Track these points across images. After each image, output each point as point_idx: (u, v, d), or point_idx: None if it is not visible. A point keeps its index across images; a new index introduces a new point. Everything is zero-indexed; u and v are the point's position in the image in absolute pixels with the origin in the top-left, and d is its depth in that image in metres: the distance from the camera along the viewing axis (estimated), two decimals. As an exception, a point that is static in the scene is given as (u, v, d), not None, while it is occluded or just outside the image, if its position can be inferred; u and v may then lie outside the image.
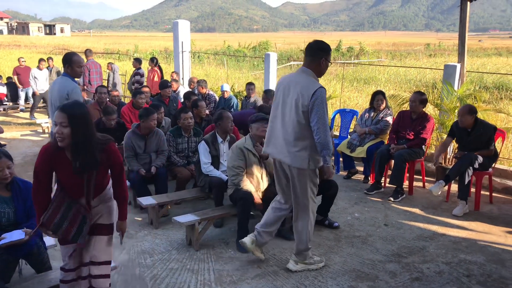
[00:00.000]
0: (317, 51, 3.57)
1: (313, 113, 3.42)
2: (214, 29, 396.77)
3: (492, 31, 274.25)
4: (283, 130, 3.57)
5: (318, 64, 3.58)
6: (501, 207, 5.41)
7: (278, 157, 3.65)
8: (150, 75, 10.82)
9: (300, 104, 3.44)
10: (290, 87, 3.56)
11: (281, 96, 3.62)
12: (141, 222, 4.87)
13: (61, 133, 2.54)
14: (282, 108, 3.59)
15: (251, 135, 4.43)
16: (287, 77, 3.72)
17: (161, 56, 30.90)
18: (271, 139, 3.71)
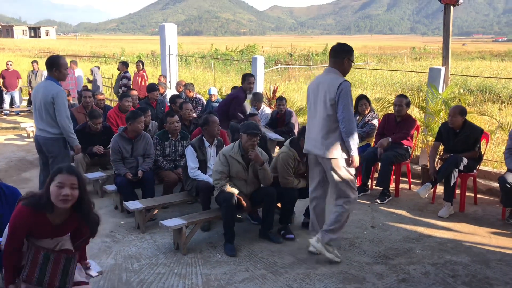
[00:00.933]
0: (340, 52, 3.89)
1: (339, 104, 3.72)
2: (201, 32, 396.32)
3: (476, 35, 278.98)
4: (317, 126, 3.89)
5: (341, 64, 3.89)
6: (485, 208, 5.49)
7: (314, 152, 3.96)
8: (137, 79, 10.76)
9: (328, 98, 3.76)
10: (318, 87, 3.89)
11: (312, 97, 3.97)
12: (127, 226, 4.83)
13: (70, 194, 2.52)
14: (315, 107, 3.93)
15: (240, 143, 4.38)
16: (316, 79, 4.04)
17: (148, 59, 30.76)
18: (308, 138, 4.04)
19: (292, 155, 4.56)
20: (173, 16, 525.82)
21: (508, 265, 4.00)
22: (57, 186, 2.51)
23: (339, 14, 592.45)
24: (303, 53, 40.98)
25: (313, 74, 23.83)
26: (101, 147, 5.88)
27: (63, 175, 2.53)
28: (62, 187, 2.51)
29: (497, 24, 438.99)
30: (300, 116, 8.96)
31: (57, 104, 4.58)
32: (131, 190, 5.08)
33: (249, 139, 4.27)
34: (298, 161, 4.59)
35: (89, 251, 4.12)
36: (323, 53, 39.89)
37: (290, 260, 4.08)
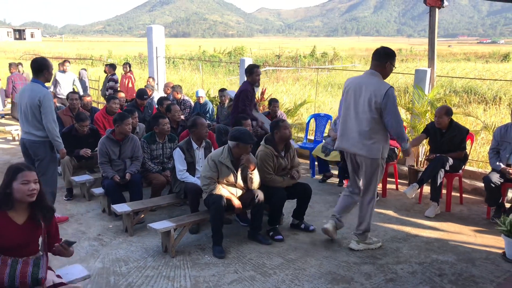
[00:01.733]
0: (383, 56, 4.03)
1: (387, 110, 3.89)
2: (189, 34, 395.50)
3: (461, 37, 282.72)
4: (357, 126, 4.04)
5: (383, 68, 4.03)
6: (470, 207, 5.57)
7: (352, 151, 4.14)
8: (124, 81, 10.70)
9: (373, 102, 3.90)
10: (362, 89, 4.00)
11: (352, 97, 4.07)
12: (115, 229, 4.80)
13: (35, 189, 2.73)
14: (355, 108, 4.05)
15: (229, 149, 4.37)
16: (355, 79, 4.16)
17: (135, 61, 30.62)
18: (344, 136, 4.18)
19: (269, 152, 4.58)
20: (160, 18, 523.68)
21: (493, 263, 4.06)
22: (23, 184, 2.68)
23: (326, 16, 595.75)
24: (291, 55, 41.15)
25: (301, 76, 23.95)
26: (88, 150, 5.83)
27: (25, 172, 2.71)
28: (28, 183, 2.69)
29: (481, 26, 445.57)
30: (289, 117, 8.99)
31: (43, 107, 4.53)
32: (119, 193, 5.05)
33: (236, 145, 4.27)
34: (276, 156, 4.62)
35: (76, 255, 4.11)
36: (311, 55, 40.16)
37: (278, 261, 4.09)
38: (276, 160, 4.61)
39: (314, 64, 34.68)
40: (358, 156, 4.15)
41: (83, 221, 5.05)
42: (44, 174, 4.68)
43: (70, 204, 5.57)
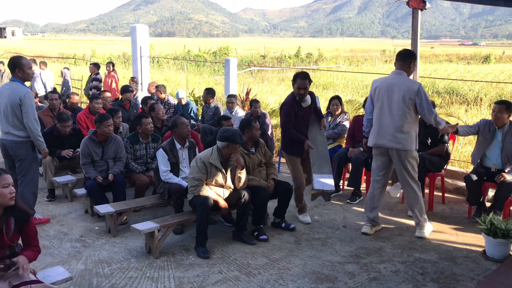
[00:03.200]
0: (407, 56, 4.50)
1: (422, 105, 4.34)
2: (173, 34, 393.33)
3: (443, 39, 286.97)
4: (392, 122, 4.41)
5: (408, 67, 4.50)
6: (452, 207, 5.65)
7: (389, 146, 4.47)
8: (108, 80, 10.59)
9: (407, 98, 4.33)
10: (393, 88, 4.39)
11: (385, 96, 4.43)
12: (98, 230, 4.75)
13: (14, 191, 2.76)
14: (389, 105, 4.41)
15: (219, 150, 4.36)
16: (385, 80, 4.54)
17: (119, 61, 30.33)
18: (380, 133, 4.50)
19: (240, 152, 4.59)
20: (145, 17, 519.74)
21: (473, 261, 4.13)
22: (4, 187, 2.70)
23: (311, 17, 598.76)
24: (276, 56, 41.20)
25: (286, 76, 24.00)
26: (70, 150, 5.76)
27: (4, 176, 2.73)
28: (8, 187, 2.72)
29: (463, 28, 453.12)
30: (273, 117, 9.00)
31: (24, 106, 4.45)
32: (102, 193, 4.99)
33: (226, 145, 4.26)
34: (246, 154, 4.65)
35: (58, 257, 4.06)
36: (296, 56, 40.26)
37: (263, 261, 4.09)
38: (248, 158, 4.64)
39: (299, 64, 34.79)
40: (394, 151, 4.47)
41: (65, 222, 4.98)
42: (25, 175, 4.60)
43: (52, 205, 5.49)
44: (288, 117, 4.80)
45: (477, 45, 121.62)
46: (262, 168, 4.83)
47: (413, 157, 4.52)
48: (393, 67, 4.92)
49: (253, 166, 4.71)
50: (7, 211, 2.75)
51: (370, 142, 4.66)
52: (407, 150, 4.45)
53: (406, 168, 4.51)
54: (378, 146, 4.60)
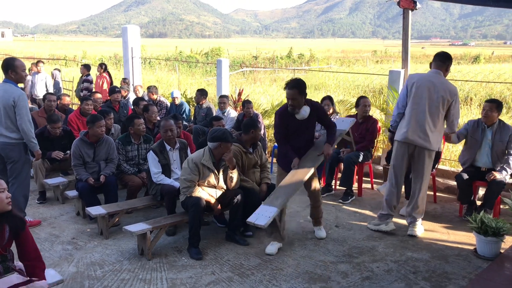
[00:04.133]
0: (446, 59, 4.57)
1: (456, 108, 4.51)
2: (165, 34, 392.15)
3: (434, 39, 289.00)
4: (429, 120, 4.44)
5: (446, 69, 4.57)
6: (444, 206, 5.69)
7: (419, 143, 4.49)
8: (99, 81, 10.54)
9: (446, 99, 4.41)
10: (435, 86, 4.42)
11: (426, 92, 4.42)
12: (90, 232, 4.72)
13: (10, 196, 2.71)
14: (429, 103, 4.42)
15: (210, 150, 4.35)
16: (425, 77, 4.55)
17: (110, 62, 30.15)
18: (414, 129, 4.48)
19: (237, 149, 4.60)
20: (136, 18, 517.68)
21: (465, 259, 4.16)
22: (0, 192, 2.64)
23: (302, 18, 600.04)
24: (268, 56, 41.25)
25: (278, 77, 24.03)
26: (61, 152, 5.71)
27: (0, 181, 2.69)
28: (4, 191, 2.67)
29: (453, 28, 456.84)
30: (265, 118, 9.01)
31: (18, 108, 4.41)
32: (93, 195, 4.96)
33: (218, 145, 4.25)
34: (244, 152, 4.64)
35: (49, 260, 4.02)
36: (288, 56, 40.34)
37: (256, 262, 4.09)
38: (245, 157, 4.63)
39: (291, 65, 34.85)
40: (421, 149, 4.52)
41: (57, 224, 4.94)
42: (17, 177, 4.56)
43: (43, 208, 5.45)
44: (277, 128, 4.42)
45: (467, 45, 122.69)
46: (257, 169, 4.83)
47: (432, 157, 4.62)
48: (383, 67, 4.95)
49: (249, 166, 4.71)
50: (1, 217, 2.66)
51: (401, 137, 4.58)
52: (432, 150, 4.54)
53: (427, 166, 4.60)
54: (409, 142, 4.55)
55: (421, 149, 4.53)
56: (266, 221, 3.81)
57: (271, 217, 3.84)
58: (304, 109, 4.22)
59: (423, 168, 4.61)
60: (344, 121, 5.12)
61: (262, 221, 3.83)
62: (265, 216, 3.88)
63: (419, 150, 4.54)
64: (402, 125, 4.59)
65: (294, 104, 4.20)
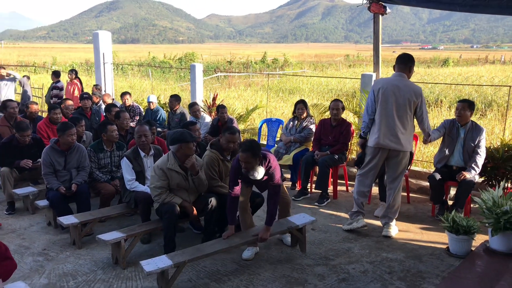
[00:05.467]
0: (408, 60, 4.65)
1: (422, 108, 4.60)
2: (138, 40, 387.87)
3: (405, 43, 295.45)
4: (398, 123, 4.53)
5: (409, 70, 4.65)
6: (417, 206, 5.79)
7: (392, 146, 4.58)
8: (70, 88, 10.32)
9: (412, 101, 4.51)
10: (400, 89, 4.51)
11: (392, 96, 4.52)
12: (62, 243, 4.59)
13: None
14: (396, 106, 4.52)
15: (174, 153, 4.30)
16: (389, 81, 4.61)
17: (82, 68, 29.63)
18: (385, 133, 4.57)
19: (214, 156, 4.54)
20: (108, 24, 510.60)
21: (438, 258, 4.24)
22: None
23: (276, 23, 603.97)
24: (242, 61, 41.33)
25: (252, 82, 24.09)
26: (29, 161, 5.55)
27: None
28: None
29: (422, 33, 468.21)
30: (240, 123, 9.01)
31: None
32: (65, 204, 4.83)
33: (179, 147, 4.20)
34: (221, 160, 4.59)
35: (19, 272, 3.89)
36: (262, 61, 40.49)
37: (233, 267, 4.06)
38: (223, 164, 4.58)
39: (265, 70, 35.01)
40: (395, 152, 4.62)
41: (27, 235, 4.79)
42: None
43: (12, 219, 5.27)
44: (231, 183, 4.11)
45: (436, 49, 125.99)
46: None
47: (407, 158, 4.72)
48: (355, 71, 5.03)
49: (226, 173, 4.62)
50: None
51: (373, 143, 4.67)
52: (405, 151, 4.64)
53: (401, 168, 4.71)
54: (381, 147, 4.64)
55: (395, 152, 4.63)
56: (151, 270, 3.45)
57: (159, 269, 3.47)
58: (257, 171, 3.95)
59: (398, 170, 4.71)
60: (304, 217, 4.52)
61: (149, 268, 3.48)
62: (155, 265, 3.50)
63: (393, 153, 4.64)
64: (374, 131, 4.68)
65: (248, 167, 3.93)
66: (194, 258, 3.74)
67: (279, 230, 4.24)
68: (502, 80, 21.24)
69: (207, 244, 3.98)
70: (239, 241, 4.05)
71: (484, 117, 12.38)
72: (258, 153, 3.91)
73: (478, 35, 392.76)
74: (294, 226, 4.23)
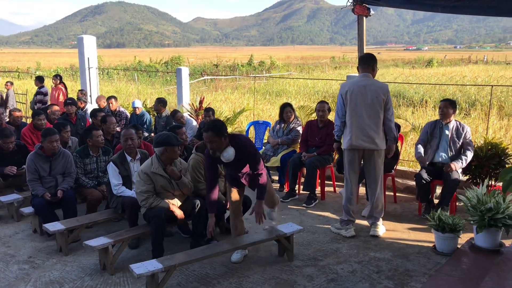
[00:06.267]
0: (369, 60, 4.75)
1: (389, 104, 4.66)
2: (123, 44, 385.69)
3: (389, 44, 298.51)
4: (370, 123, 4.58)
5: (372, 69, 4.72)
6: (404, 205, 5.85)
7: (367, 146, 4.62)
8: (54, 94, 10.22)
9: (381, 99, 4.57)
10: (366, 89, 4.57)
11: (359, 97, 4.56)
12: (48, 250, 4.53)
13: None
14: (365, 106, 4.56)
15: (158, 157, 4.28)
16: (355, 82, 4.67)
17: (67, 73, 29.37)
18: (357, 134, 4.60)
19: (200, 159, 4.56)
20: (93, 28, 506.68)
21: (425, 256, 4.29)
22: None
23: (262, 26, 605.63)
24: (228, 64, 41.35)
25: (239, 85, 24.12)
26: (14, 167, 5.47)
27: None
28: None
29: (407, 34, 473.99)
30: (228, 125, 8.99)
31: None
32: (51, 211, 4.77)
33: (164, 150, 4.19)
34: None
35: (4, 281, 3.84)
36: (248, 64, 40.57)
37: (222, 270, 4.06)
38: None
39: (251, 72, 35.08)
40: (370, 151, 4.67)
41: (12, 243, 4.72)
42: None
43: (-3, 226, 5.20)
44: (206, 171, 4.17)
45: (420, 50, 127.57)
46: (221, 179, 4.77)
47: (382, 156, 4.76)
48: (341, 72, 5.09)
49: None
50: None
51: (346, 145, 4.71)
52: (380, 150, 4.69)
53: (378, 166, 4.75)
54: (355, 148, 4.69)
55: (370, 151, 4.68)
56: (141, 273, 3.42)
57: (149, 272, 3.44)
58: (227, 152, 3.77)
59: (375, 169, 4.75)
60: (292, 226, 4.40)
61: (140, 270, 3.45)
62: (146, 269, 3.47)
63: (368, 152, 4.70)
64: (346, 133, 4.73)
65: (213, 147, 3.76)
66: (184, 262, 3.73)
67: (267, 237, 4.23)
68: (485, 80, 21.61)
69: (197, 250, 3.97)
70: (229, 247, 4.04)
71: (468, 117, 12.57)
72: (222, 131, 3.71)
73: (461, 36, 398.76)
74: (282, 234, 4.22)
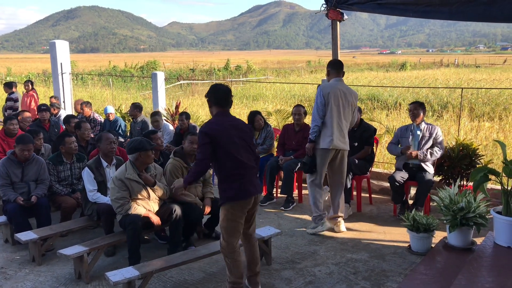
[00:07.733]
0: (339, 66, 4.96)
1: (356, 110, 5.06)
2: (98, 49, 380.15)
3: (364, 48, 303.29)
4: (345, 125, 4.85)
5: (342, 75, 4.97)
6: (379, 206, 5.94)
7: (342, 147, 4.86)
8: (26, 100, 9.98)
9: (353, 103, 4.91)
10: (345, 93, 4.82)
11: (340, 100, 4.78)
12: (20, 260, 4.42)
13: None
14: (343, 109, 4.81)
15: (132, 162, 4.25)
16: (335, 85, 4.83)
17: (39, 79, 28.75)
18: (338, 135, 4.79)
19: (177, 164, 4.57)
20: (66, 33, 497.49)
21: (400, 256, 4.37)
22: None
23: (238, 30, 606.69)
24: (205, 69, 41.24)
25: (216, 89, 24.03)
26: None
27: None
28: None
29: (381, 38, 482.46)
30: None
31: None
32: (24, 219, 4.66)
33: (138, 155, 4.17)
34: (185, 168, 4.60)
35: (-25, 293, 3.71)
36: (225, 68, 40.54)
37: (200, 276, 4.04)
38: (186, 172, 4.55)
39: (228, 77, 35.05)
40: (342, 151, 4.91)
41: (-17, 254, 4.59)
42: None
43: (-34, 237, 5.03)
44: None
45: (394, 53, 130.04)
46: (199, 184, 4.75)
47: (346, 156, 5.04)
48: (317, 76, 5.18)
49: None
50: None
51: (327, 145, 4.77)
52: (348, 150, 4.99)
53: (345, 166, 5.03)
54: (334, 148, 4.81)
55: (342, 152, 4.91)
56: (117, 280, 3.40)
57: (126, 279, 3.42)
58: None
59: (343, 168, 5.01)
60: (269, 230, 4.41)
61: (116, 278, 3.42)
62: (122, 276, 3.46)
63: (341, 152, 4.91)
64: (327, 133, 4.78)
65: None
66: (161, 269, 3.70)
67: None
68: (456, 83, 22.15)
69: (175, 256, 3.94)
70: (206, 252, 4.02)
71: (440, 119, 12.87)
72: None
73: (433, 40, 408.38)
74: (259, 238, 4.23)
